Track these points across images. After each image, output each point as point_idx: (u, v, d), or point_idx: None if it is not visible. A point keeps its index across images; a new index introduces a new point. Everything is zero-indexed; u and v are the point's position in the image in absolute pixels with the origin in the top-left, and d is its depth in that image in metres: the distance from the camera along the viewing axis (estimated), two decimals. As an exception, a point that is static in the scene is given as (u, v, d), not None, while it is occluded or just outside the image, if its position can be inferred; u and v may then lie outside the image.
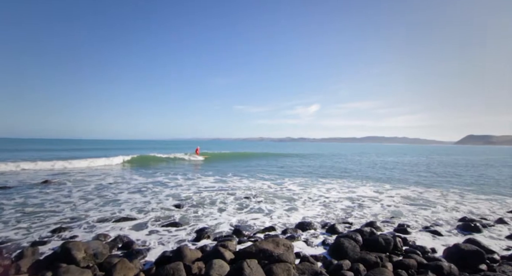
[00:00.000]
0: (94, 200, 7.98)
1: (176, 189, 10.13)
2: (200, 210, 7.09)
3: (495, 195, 9.74)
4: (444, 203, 8.30)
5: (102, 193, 9.02)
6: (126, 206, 7.37)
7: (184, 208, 7.20)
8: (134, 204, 7.62)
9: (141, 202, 7.89)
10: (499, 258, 4.12)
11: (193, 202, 7.95)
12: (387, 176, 14.95)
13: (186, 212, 6.87)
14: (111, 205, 7.46)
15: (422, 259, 3.91)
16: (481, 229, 5.56)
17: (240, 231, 5.28)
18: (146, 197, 8.50)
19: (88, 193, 8.96)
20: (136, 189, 9.90)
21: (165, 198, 8.43)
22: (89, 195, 8.57)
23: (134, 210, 6.97)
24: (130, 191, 9.41)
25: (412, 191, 10.40)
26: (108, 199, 8.10)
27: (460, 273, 3.54)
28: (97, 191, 9.23)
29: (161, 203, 7.80)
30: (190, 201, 8.07)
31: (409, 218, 6.70)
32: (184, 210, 7.05)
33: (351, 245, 4.18)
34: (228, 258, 3.57)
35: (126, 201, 7.96)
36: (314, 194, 9.41)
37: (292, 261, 3.56)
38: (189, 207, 7.38)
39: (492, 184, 12.46)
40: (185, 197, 8.61)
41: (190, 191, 9.65)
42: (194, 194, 9.19)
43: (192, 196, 8.78)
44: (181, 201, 7.97)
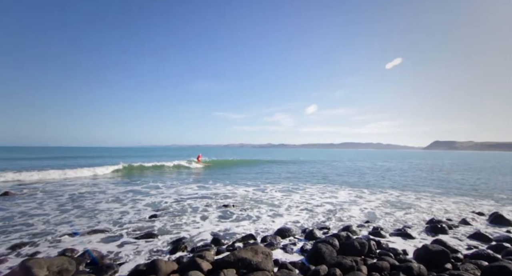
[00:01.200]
0: (67, 212, 7.46)
1: (156, 197, 9.81)
2: (179, 219, 6.87)
3: (460, 197, 10.48)
4: (415, 206, 8.77)
5: (77, 204, 8.48)
6: (101, 217, 6.98)
7: (162, 218, 6.94)
8: (109, 214, 7.23)
9: (118, 212, 7.51)
10: (463, 257, 4.42)
11: (173, 211, 7.70)
12: (365, 181, 15.54)
13: (163, 222, 6.61)
14: (84, 216, 7.01)
15: (395, 261, 4.08)
16: (447, 230, 5.94)
17: (219, 240, 5.17)
18: (124, 207, 8.12)
19: (61, 204, 8.37)
20: (114, 198, 9.45)
21: (143, 208, 8.10)
22: (61, 207, 8.01)
23: (109, 221, 6.60)
24: (108, 201, 8.95)
25: (389, 195, 10.90)
26: (82, 211, 7.61)
27: (429, 273, 3.74)
28: (71, 202, 8.65)
29: (139, 213, 7.47)
30: (169, 210, 7.82)
31: (384, 221, 6.99)
32: (161, 219, 6.79)
33: (328, 250, 4.26)
34: (205, 269, 3.48)
35: (102, 211, 7.53)
36: (296, 201, 9.50)
37: (270, 269, 3.55)
38: (167, 216, 7.13)
39: (457, 187, 13.41)
40: (165, 206, 8.33)
41: (171, 199, 9.39)
42: (174, 202, 8.94)
43: (172, 205, 8.52)
44: (159, 210, 7.69)
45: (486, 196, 10.90)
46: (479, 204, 9.23)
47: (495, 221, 6.86)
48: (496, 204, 9.28)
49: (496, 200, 9.97)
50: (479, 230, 5.98)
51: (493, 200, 9.97)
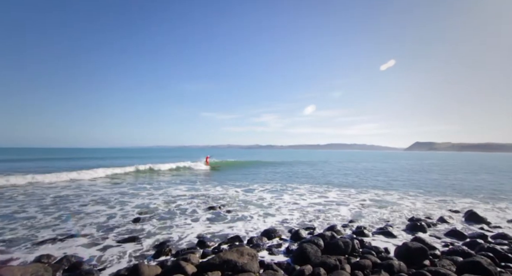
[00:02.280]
0: (49, 215, 7.16)
1: (144, 199, 9.67)
2: (164, 222, 6.75)
3: (439, 197, 10.94)
4: (398, 205, 9.09)
5: (61, 206, 8.21)
6: (85, 220, 6.74)
7: (148, 221, 6.79)
8: (95, 218, 7.01)
9: (104, 215, 7.32)
10: (440, 253, 4.62)
11: (159, 213, 7.58)
12: (351, 181, 15.92)
13: (148, 224, 6.47)
14: (65, 220, 6.74)
15: (377, 259, 4.20)
16: (425, 228, 6.18)
17: (205, 242, 5.12)
18: (111, 210, 7.93)
19: (43, 208, 8.03)
20: (102, 200, 9.23)
21: (131, 210, 7.95)
22: (44, 210, 7.69)
23: (92, 224, 6.39)
24: (94, 203, 8.71)
25: (374, 194, 11.23)
26: (65, 214, 7.33)
27: (408, 269, 3.88)
28: (54, 206, 8.33)
29: (125, 215, 7.30)
30: (156, 212, 7.68)
31: (368, 220, 7.18)
32: (146, 222, 6.64)
33: (313, 250, 4.32)
34: (190, 272, 3.43)
35: (86, 215, 7.30)
36: (284, 201, 9.60)
37: (256, 270, 3.55)
38: (153, 219, 7.00)
39: (437, 187, 14.00)
40: (151, 208, 8.19)
41: (158, 201, 9.27)
42: (162, 204, 8.81)
43: (158, 207, 8.38)
44: (144, 213, 7.51)
45: (463, 194, 11.46)
46: (458, 202, 9.68)
47: (469, 218, 7.22)
48: (473, 202, 9.77)
49: (473, 199, 10.50)
50: (455, 227, 6.28)
51: (470, 198, 10.50)
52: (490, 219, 7.21)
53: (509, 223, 7.02)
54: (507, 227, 6.64)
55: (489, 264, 3.67)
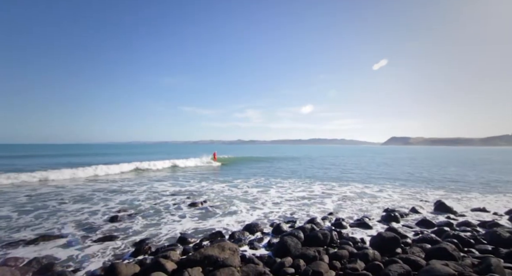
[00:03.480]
0: (23, 215, 6.75)
1: (127, 195, 9.45)
2: (145, 219, 6.60)
3: (413, 188, 11.59)
4: (376, 197, 9.52)
5: (39, 205, 7.82)
6: (63, 219, 6.46)
7: (127, 218, 6.61)
8: (73, 216, 6.74)
9: (85, 212, 7.08)
10: (411, 241, 4.92)
11: (140, 210, 7.39)
12: (333, 175, 16.40)
13: (128, 222, 6.29)
14: (41, 220, 6.40)
15: (353, 249, 4.39)
16: (399, 218, 6.54)
17: (186, 239, 5.06)
18: (92, 208, 7.65)
19: (18, 206, 7.60)
20: (82, 197, 8.93)
21: (113, 207, 7.74)
22: (18, 209, 7.27)
23: (70, 223, 6.11)
24: (75, 201, 8.38)
25: (355, 187, 11.68)
26: (40, 213, 6.97)
27: (382, 257, 4.09)
28: (30, 205, 7.88)
29: (105, 213, 7.07)
30: (136, 209, 7.49)
31: (347, 212, 7.46)
32: (126, 220, 6.46)
33: (293, 242, 4.42)
34: (169, 269, 3.38)
35: (66, 213, 7.00)
36: (267, 196, 9.70)
37: (237, 265, 3.57)
38: (133, 216, 6.82)
39: (411, 179, 14.83)
40: (133, 205, 7.99)
41: (142, 197, 9.11)
42: (144, 201, 8.62)
43: (140, 204, 8.18)
44: (124, 211, 7.27)
45: (434, 186, 12.22)
46: (429, 194, 10.31)
47: (438, 208, 7.73)
48: (442, 193, 10.45)
49: (443, 190, 11.23)
50: (425, 217, 6.71)
51: (440, 190, 11.23)
52: (456, 208, 7.76)
53: (472, 211, 7.60)
54: (470, 215, 7.19)
55: (453, 249, 3.97)
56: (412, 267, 3.57)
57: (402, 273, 3.36)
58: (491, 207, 7.96)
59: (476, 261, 3.77)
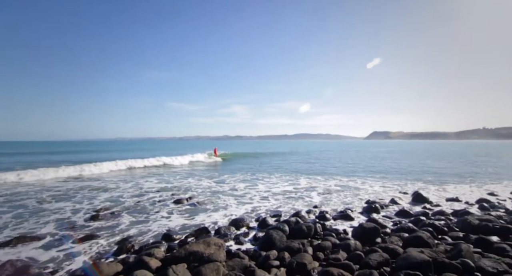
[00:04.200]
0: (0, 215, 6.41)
1: (111, 192, 9.14)
2: (129, 216, 6.44)
3: (393, 180, 12.09)
4: (359, 190, 9.84)
5: (17, 204, 7.48)
6: (44, 219, 6.19)
7: (110, 216, 6.43)
8: (54, 215, 6.48)
9: (67, 211, 6.84)
10: (390, 231, 5.15)
11: (124, 208, 7.21)
12: (317, 169, 16.74)
13: (110, 220, 6.13)
14: (20, 220, 6.10)
15: (336, 240, 4.54)
16: (379, 209, 6.82)
17: (170, 236, 5.00)
18: (74, 206, 7.41)
19: None
20: (64, 196, 8.62)
21: (96, 205, 7.49)
22: None
23: (50, 223, 5.89)
24: (57, 200, 8.08)
25: (339, 181, 12.00)
26: (20, 213, 6.65)
27: (363, 247, 4.25)
28: (8, 205, 7.49)
29: (88, 211, 6.84)
30: (120, 207, 7.31)
31: (330, 205, 7.65)
32: (109, 218, 6.28)
33: (278, 235, 4.49)
34: (153, 267, 3.33)
35: (46, 212, 6.72)
36: (253, 191, 9.75)
37: (222, 259, 3.58)
38: (116, 214, 6.64)
39: (391, 171, 15.45)
40: (117, 203, 7.78)
41: (126, 194, 8.88)
42: (129, 198, 8.43)
43: (125, 201, 7.99)
44: (106, 209, 7.05)
45: (412, 178, 12.80)
46: (408, 185, 10.81)
47: (416, 199, 8.13)
48: (420, 184, 10.99)
49: (420, 181, 11.81)
50: (404, 207, 7.02)
51: (418, 181, 11.79)
52: (432, 198, 8.20)
53: (447, 201, 8.06)
54: (445, 205, 7.63)
55: (428, 237, 4.20)
56: (390, 255, 3.74)
57: (381, 261, 3.52)
58: (463, 197, 8.47)
59: (448, 247, 4.02)
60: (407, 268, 3.19)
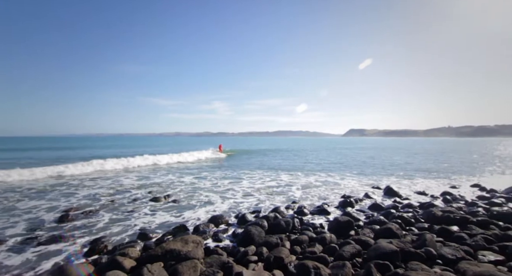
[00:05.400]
0: None
1: (89, 189, 8.66)
2: (103, 215, 6.17)
3: (368, 176, 12.69)
4: (336, 185, 10.19)
5: None
6: (12, 219, 5.78)
7: (83, 216, 6.13)
8: (23, 216, 6.06)
9: (36, 212, 6.41)
10: (363, 224, 5.42)
11: (99, 207, 6.89)
12: (298, 165, 17.07)
13: (83, 220, 5.84)
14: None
15: (313, 234, 4.68)
16: (353, 203, 7.13)
17: (147, 234, 4.86)
18: (43, 207, 6.93)
19: None
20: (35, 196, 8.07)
21: (65, 205, 7.04)
22: None
23: (19, 224, 5.49)
24: (31, 198, 7.64)
25: (319, 176, 12.38)
26: None
27: (338, 240, 4.44)
28: None
29: (58, 212, 6.43)
30: (93, 205, 6.97)
31: (309, 200, 7.86)
32: (81, 218, 5.98)
33: (257, 231, 4.54)
34: (128, 267, 3.22)
35: (16, 213, 6.29)
36: (233, 187, 9.75)
37: (200, 257, 3.56)
38: (90, 213, 6.33)
39: (367, 167, 16.19)
40: (91, 201, 7.42)
41: (103, 191, 8.53)
42: (105, 196, 8.09)
43: (100, 199, 7.65)
44: (76, 209, 6.67)
45: (385, 173, 13.52)
46: (382, 180, 11.39)
47: (387, 193, 8.60)
48: (392, 179, 11.64)
49: (392, 176, 12.51)
50: (376, 201, 7.41)
51: (390, 176, 12.48)
52: (402, 192, 8.73)
53: (415, 194, 8.62)
54: (413, 198, 8.14)
55: (397, 229, 4.48)
56: (362, 246, 3.95)
57: (354, 253, 3.70)
58: (429, 191, 9.10)
59: (415, 238, 4.31)
60: (377, 258, 3.38)
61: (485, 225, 4.90)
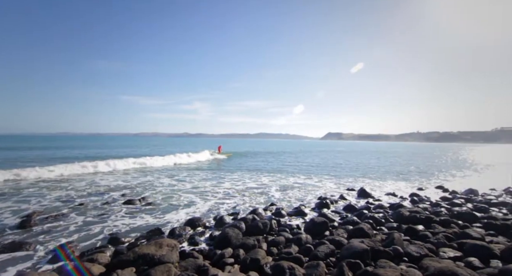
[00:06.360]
0: None
1: (63, 191, 8.02)
2: (71, 219, 5.80)
3: (344, 178, 13.16)
4: (314, 187, 10.42)
5: None
6: None
7: (50, 220, 5.72)
8: None
9: None
10: (337, 224, 5.61)
11: (67, 210, 6.48)
12: (278, 168, 17.26)
13: (49, 224, 5.46)
14: None
15: (290, 235, 4.76)
16: (329, 205, 7.36)
17: (118, 239, 4.64)
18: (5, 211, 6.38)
19: None
20: None
21: (25, 209, 6.45)
22: None
23: None
24: None
25: (298, 178, 12.66)
26: None
27: (313, 240, 4.55)
28: None
29: (20, 216, 5.91)
30: (60, 209, 6.53)
31: (287, 202, 7.98)
32: (47, 222, 5.58)
33: (234, 233, 4.52)
34: (96, 273, 3.06)
35: None
36: (213, 188, 9.68)
37: (175, 261, 3.47)
38: (56, 217, 5.91)
39: (343, 170, 16.80)
40: (60, 205, 6.97)
41: (75, 195, 7.96)
42: (76, 199, 7.63)
43: (68, 202, 7.21)
44: (41, 213, 6.18)
45: (360, 175, 14.12)
46: (357, 182, 11.89)
47: (361, 194, 8.98)
48: (366, 181, 12.18)
49: (366, 178, 13.11)
50: (350, 202, 7.71)
51: (364, 178, 13.06)
52: (374, 193, 9.17)
53: (386, 195, 9.09)
54: (384, 199, 8.58)
55: (368, 228, 4.70)
56: (336, 246, 4.09)
57: (328, 253, 3.82)
58: (399, 192, 9.65)
59: (384, 237, 4.55)
60: (349, 257, 3.52)
61: (447, 224, 5.30)
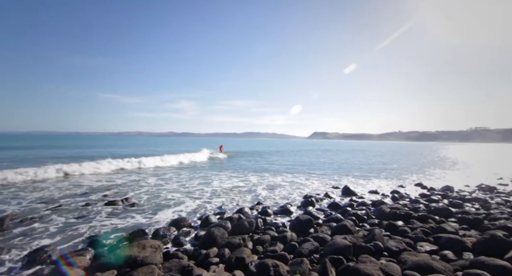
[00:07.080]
0: None
1: (42, 191, 7.42)
2: (49, 222, 5.53)
3: (329, 176, 13.42)
4: (300, 185, 10.54)
5: None
6: None
7: (24, 223, 5.44)
8: None
9: None
10: (322, 222, 5.72)
11: (45, 212, 6.17)
12: (265, 167, 17.31)
13: (23, 228, 5.17)
14: None
15: (275, 233, 4.81)
16: (314, 203, 7.49)
17: (99, 241, 4.49)
18: None
19: None
20: None
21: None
22: None
23: None
24: None
25: (285, 177, 12.75)
26: None
27: (298, 238, 4.63)
28: None
29: None
30: (37, 211, 6.22)
31: (273, 201, 8.03)
32: (21, 225, 5.29)
33: (220, 232, 4.51)
34: (75, 278, 2.95)
35: None
36: (200, 188, 9.56)
37: (158, 262, 3.41)
38: (33, 220, 5.61)
39: (328, 168, 17.11)
40: (36, 206, 6.62)
41: (55, 196, 7.47)
42: (56, 200, 7.22)
43: (46, 203, 6.89)
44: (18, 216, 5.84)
45: (344, 174, 14.46)
46: (342, 180, 12.16)
47: (345, 192, 9.21)
48: (350, 179, 12.50)
49: (350, 176, 13.44)
50: (335, 200, 7.89)
51: (349, 176, 13.38)
52: (358, 191, 9.42)
53: (369, 193, 9.38)
54: (367, 196, 8.84)
55: (351, 225, 4.84)
56: (320, 243, 4.18)
57: (312, 249, 3.90)
58: (381, 189, 9.98)
59: (366, 233, 4.70)
60: (332, 253, 3.61)
61: (424, 219, 5.55)
